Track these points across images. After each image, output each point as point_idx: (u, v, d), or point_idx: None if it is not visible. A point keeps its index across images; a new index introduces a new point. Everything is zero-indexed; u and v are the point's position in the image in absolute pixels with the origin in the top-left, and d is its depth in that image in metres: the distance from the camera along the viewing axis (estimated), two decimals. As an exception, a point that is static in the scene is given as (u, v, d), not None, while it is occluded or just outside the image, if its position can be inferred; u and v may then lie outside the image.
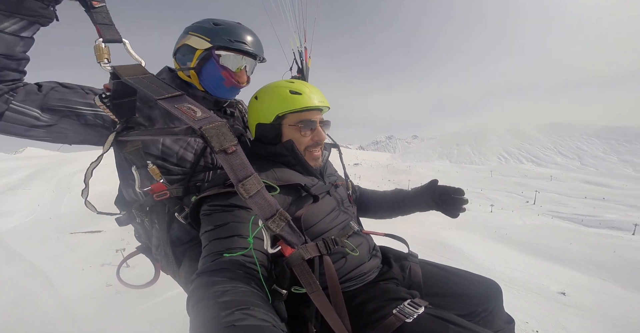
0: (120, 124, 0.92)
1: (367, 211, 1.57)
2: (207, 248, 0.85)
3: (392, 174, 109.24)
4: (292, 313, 0.94)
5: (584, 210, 36.20)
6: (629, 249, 8.95)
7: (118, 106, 0.91)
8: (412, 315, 0.90)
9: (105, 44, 0.80)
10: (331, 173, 1.34)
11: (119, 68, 0.78)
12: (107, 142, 0.90)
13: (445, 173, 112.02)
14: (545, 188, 56.10)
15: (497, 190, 56.12)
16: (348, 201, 1.30)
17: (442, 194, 1.32)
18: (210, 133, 0.64)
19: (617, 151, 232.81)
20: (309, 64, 1.85)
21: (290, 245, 0.75)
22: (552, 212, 34.50)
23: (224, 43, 1.17)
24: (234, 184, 0.67)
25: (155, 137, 1.03)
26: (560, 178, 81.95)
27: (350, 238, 1.12)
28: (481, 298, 1.22)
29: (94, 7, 0.80)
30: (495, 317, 1.24)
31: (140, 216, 1.19)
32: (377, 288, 1.07)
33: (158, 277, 1.32)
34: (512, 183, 67.46)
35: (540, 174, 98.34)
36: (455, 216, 1.32)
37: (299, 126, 1.11)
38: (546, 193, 50.84)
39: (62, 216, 11.42)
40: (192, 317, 0.64)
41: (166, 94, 0.71)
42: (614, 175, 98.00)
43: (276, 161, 1.14)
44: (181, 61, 1.24)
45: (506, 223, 15.18)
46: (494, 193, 51.50)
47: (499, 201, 46.03)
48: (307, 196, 1.06)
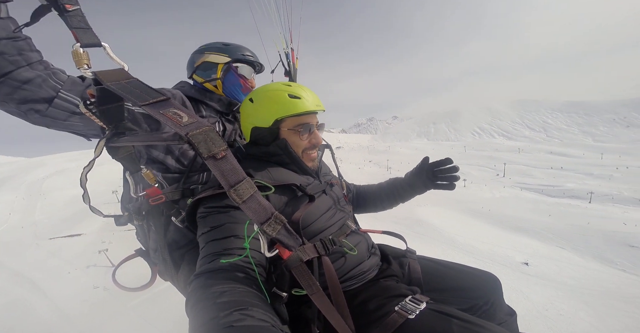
0: (110, 130, 0.87)
1: (367, 206, 1.59)
2: (204, 249, 0.85)
3: (373, 155, 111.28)
4: (293, 315, 0.95)
5: (547, 180, 38.93)
6: (584, 217, 9.61)
7: (105, 112, 0.84)
8: (414, 311, 0.90)
9: (84, 49, 0.76)
10: (326, 173, 1.35)
11: (101, 74, 0.74)
12: (97, 148, 0.86)
13: (423, 150, 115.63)
14: (514, 160, 59.56)
15: (470, 165, 58.93)
16: (344, 200, 1.30)
17: (434, 170, 1.36)
18: (197, 139, 0.63)
19: (578, 124, 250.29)
20: (296, 65, 1.86)
21: (288, 248, 0.75)
22: (519, 184, 36.81)
23: (239, 57, 1.42)
24: (226, 190, 0.66)
25: (145, 143, 0.99)
26: (528, 150, 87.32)
27: (349, 237, 1.12)
28: (481, 291, 1.23)
29: (67, 10, 0.76)
30: (496, 309, 1.24)
31: (137, 219, 1.20)
32: (378, 286, 1.07)
33: (154, 280, 1.32)
34: (484, 157, 71.01)
35: (510, 147, 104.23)
36: (452, 187, 1.34)
37: (297, 129, 1.12)
38: (515, 165, 54.08)
39: (37, 222, 10.98)
40: (191, 318, 0.64)
41: (151, 100, 0.69)
42: (575, 145, 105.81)
43: (270, 161, 1.14)
44: (204, 75, 1.43)
45: (477, 197, 15.84)
46: (467, 168, 54.04)
47: (472, 175, 48.42)
48: (303, 196, 1.05)
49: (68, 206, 4.39)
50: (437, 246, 7.48)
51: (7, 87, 0.83)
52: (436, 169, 1.36)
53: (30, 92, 0.86)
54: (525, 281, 5.36)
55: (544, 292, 4.91)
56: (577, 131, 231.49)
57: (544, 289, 5.01)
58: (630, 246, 7.11)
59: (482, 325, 0.86)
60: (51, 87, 0.88)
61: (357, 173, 39.69)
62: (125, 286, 1.31)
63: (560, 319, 3.85)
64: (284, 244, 0.74)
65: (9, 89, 0.84)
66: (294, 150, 1.13)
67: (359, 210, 1.61)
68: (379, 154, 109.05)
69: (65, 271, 5.77)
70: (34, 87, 0.86)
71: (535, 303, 4.47)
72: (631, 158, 62.72)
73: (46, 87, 0.88)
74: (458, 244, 7.61)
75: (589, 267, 6.25)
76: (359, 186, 1.65)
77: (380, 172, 44.26)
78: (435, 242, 7.77)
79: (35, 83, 0.86)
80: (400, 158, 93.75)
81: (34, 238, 8.04)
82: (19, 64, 0.83)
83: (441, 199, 16.51)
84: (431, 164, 1.38)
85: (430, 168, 1.37)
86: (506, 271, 5.84)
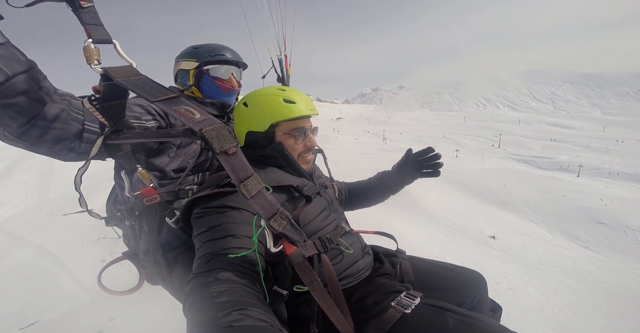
0: (110, 127, 0.86)
1: (360, 202, 1.63)
2: (201, 249, 0.86)
3: (372, 125, 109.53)
4: (292, 314, 0.97)
5: (541, 152, 38.69)
6: (566, 192, 9.52)
7: (108, 108, 0.84)
8: (410, 306, 0.93)
9: (95, 45, 0.76)
10: (319, 175, 1.40)
11: (111, 70, 0.74)
12: (95, 146, 0.83)
13: (422, 120, 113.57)
14: (512, 131, 58.71)
15: (467, 135, 58.23)
16: (337, 203, 1.34)
17: (419, 159, 1.44)
18: (210, 135, 0.64)
19: (588, 96, 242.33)
20: (289, 71, 1.90)
21: (293, 242, 0.79)
22: (512, 155, 36.68)
23: (207, 59, 1.40)
24: (236, 185, 0.68)
25: (149, 140, 1.03)
26: (529, 121, 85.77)
27: (343, 237, 1.14)
28: (468, 290, 1.28)
29: (82, 7, 0.76)
30: (482, 307, 1.31)
31: (129, 219, 1.18)
32: (373, 283, 1.11)
33: (142, 284, 1.30)
34: (483, 127, 69.95)
35: (511, 118, 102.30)
36: (438, 174, 1.44)
37: (293, 134, 1.15)
38: (512, 136, 53.40)
39: (52, 200, 11.38)
40: (190, 318, 0.64)
41: (162, 96, 0.71)
42: (581, 117, 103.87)
43: (266, 164, 1.15)
44: (182, 83, 1.47)
45: (465, 167, 15.69)
46: (464, 138, 53.47)
47: (467, 145, 48.09)
48: (300, 196, 1.08)
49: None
50: (412, 216, 7.47)
51: (38, 130, 0.77)
52: (420, 159, 1.44)
53: (61, 131, 0.81)
54: (488, 255, 5.37)
55: (502, 266, 4.96)
56: (586, 104, 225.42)
57: (503, 263, 5.05)
58: (599, 223, 7.12)
59: (475, 317, 0.91)
60: (75, 119, 0.84)
61: (353, 143, 39.28)
62: (111, 290, 1.29)
63: (508, 293, 3.88)
64: (290, 239, 0.77)
65: (39, 132, 0.77)
66: (292, 156, 1.15)
67: (352, 206, 1.65)
68: (378, 125, 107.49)
69: (79, 244, 6.09)
70: (62, 123, 0.80)
71: (489, 276, 4.49)
72: (635, 131, 61.96)
73: (72, 122, 0.83)
74: (433, 215, 7.58)
75: (554, 243, 6.29)
76: (350, 184, 1.69)
77: (376, 142, 43.86)
78: (411, 212, 7.74)
79: (62, 119, 0.80)
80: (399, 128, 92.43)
81: (50, 215, 8.29)
82: (44, 101, 0.76)
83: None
84: (415, 155, 1.46)
85: (414, 158, 1.46)
86: (472, 244, 5.88)
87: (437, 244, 5.86)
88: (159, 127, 1.15)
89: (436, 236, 6.28)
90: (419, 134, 68.50)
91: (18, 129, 0.74)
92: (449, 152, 35.53)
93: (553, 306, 3.50)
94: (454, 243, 6.03)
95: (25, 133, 0.75)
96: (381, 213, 7.46)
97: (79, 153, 0.87)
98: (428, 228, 6.72)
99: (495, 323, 0.90)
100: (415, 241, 5.77)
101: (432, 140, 53.38)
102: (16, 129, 0.74)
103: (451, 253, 5.47)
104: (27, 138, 0.77)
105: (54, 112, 0.78)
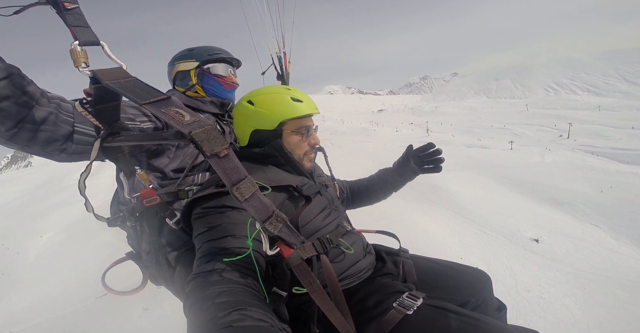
0: (105, 130, 0.85)
1: (362, 200, 1.62)
2: (201, 249, 0.85)
3: (416, 116, 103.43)
4: (292, 315, 0.96)
5: (623, 143, 32.06)
6: (645, 190, 7.81)
7: (101, 111, 0.83)
8: (412, 307, 0.91)
9: (82, 47, 0.74)
10: (319, 174, 1.37)
11: (100, 72, 0.71)
12: (93, 150, 0.83)
13: (475, 109, 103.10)
14: (588, 119, 49.56)
15: (528, 125, 50.99)
16: (338, 202, 1.32)
17: (420, 155, 1.43)
18: (200, 137, 0.62)
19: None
20: (288, 69, 1.89)
21: (289, 245, 0.76)
22: (585, 146, 31.17)
23: (206, 58, 1.42)
24: (229, 189, 0.66)
25: (143, 142, 0.99)
26: (614, 107, 71.52)
27: (344, 236, 1.13)
28: (473, 289, 1.26)
29: (66, 8, 0.75)
30: (487, 306, 1.28)
31: (130, 220, 1.19)
32: (375, 283, 1.09)
33: (145, 285, 1.31)
34: (549, 116, 60.44)
35: (589, 104, 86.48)
36: (439, 169, 1.43)
37: (300, 131, 1.15)
38: (589, 124, 45.12)
39: (102, 205, 14.15)
40: (190, 318, 0.65)
41: (152, 99, 0.68)
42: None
43: (265, 162, 1.14)
44: (182, 85, 1.45)
45: (519, 161, 13.92)
46: (524, 128, 46.95)
47: (527, 136, 42.21)
48: (299, 196, 1.05)
49: (110, 189, 5.22)
50: (441, 212, 6.95)
51: (26, 133, 0.80)
52: (421, 154, 1.43)
53: (50, 133, 0.83)
54: (524, 259, 4.73)
55: (537, 272, 4.37)
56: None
57: (539, 269, 4.45)
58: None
59: (478, 318, 0.88)
60: (64, 122, 0.86)
61: (393, 136, 37.65)
62: (115, 290, 1.30)
63: (538, 302, 3.42)
64: (286, 242, 0.74)
65: (29, 134, 0.80)
66: (290, 151, 1.14)
67: (354, 205, 1.64)
68: (423, 116, 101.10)
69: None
70: (51, 126, 0.83)
71: (519, 282, 4.04)
72: None
73: (61, 124, 0.85)
74: (467, 213, 6.92)
75: (618, 251, 5.20)
76: (351, 182, 1.67)
77: (419, 134, 41.33)
78: (443, 210, 7.21)
79: (51, 122, 0.83)
80: (447, 118, 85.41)
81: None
82: (30, 105, 0.78)
83: (473, 163, 14.84)
84: (416, 151, 1.45)
85: (415, 154, 1.44)
86: (507, 246, 5.20)
87: (464, 244, 5.35)
88: (155, 128, 1.15)
89: (465, 235, 5.73)
90: (469, 124, 62.36)
91: (7, 132, 0.77)
92: (501, 144, 31.70)
93: (589, 320, 2.97)
94: (486, 244, 5.41)
95: (15, 135, 0.78)
96: (405, 208, 7.07)
97: (70, 154, 0.89)
98: (458, 226, 6.15)
99: (499, 324, 0.87)
100: (438, 239, 5.35)
101: (484, 130, 48.10)
102: (5, 133, 0.77)
103: (478, 255, 4.95)
104: (18, 140, 0.80)
105: (41, 116, 0.80)
